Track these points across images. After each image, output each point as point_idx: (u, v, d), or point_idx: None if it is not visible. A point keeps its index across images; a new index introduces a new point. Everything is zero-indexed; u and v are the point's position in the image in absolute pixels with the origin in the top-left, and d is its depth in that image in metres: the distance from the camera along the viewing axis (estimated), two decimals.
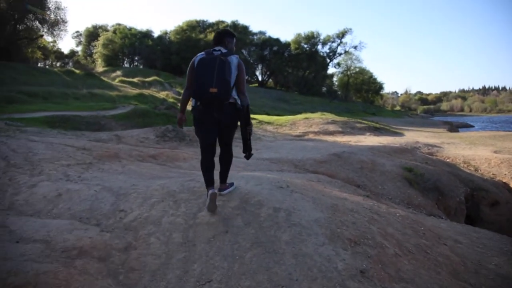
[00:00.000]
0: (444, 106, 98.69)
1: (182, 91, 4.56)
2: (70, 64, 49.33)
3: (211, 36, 48.10)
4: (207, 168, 3.71)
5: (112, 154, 6.47)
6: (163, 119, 13.13)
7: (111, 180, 4.92)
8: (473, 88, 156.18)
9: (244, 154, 3.77)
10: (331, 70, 74.82)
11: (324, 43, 57.73)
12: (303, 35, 56.81)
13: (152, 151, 7.23)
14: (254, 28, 71.73)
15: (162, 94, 26.46)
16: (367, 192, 6.53)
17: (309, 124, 17.49)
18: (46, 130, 8.91)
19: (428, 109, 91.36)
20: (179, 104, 4.42)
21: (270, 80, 61.39)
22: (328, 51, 59.21)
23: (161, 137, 8.93)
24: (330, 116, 19.91)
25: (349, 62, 60.91)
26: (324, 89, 64.62)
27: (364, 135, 16.57)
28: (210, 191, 3.51)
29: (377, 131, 18.52)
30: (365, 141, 14.60)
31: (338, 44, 58.19)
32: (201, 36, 49.09)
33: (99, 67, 41.27)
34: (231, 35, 3.68)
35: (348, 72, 62.51)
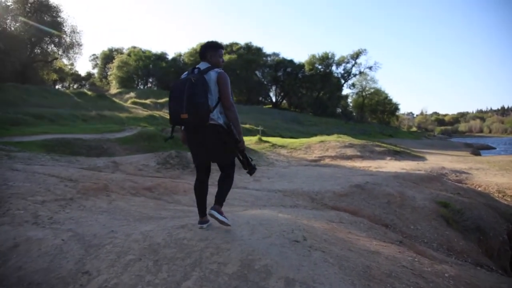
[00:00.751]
0: (462, 127, 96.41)
1: None
2: (87, 86, 49.69)
3: (225, 57, 47.91)
4: (197, 191, 3.55)
5: (100, 186, 5.58)
6: (169, 143, 12.30)
7: (88, 223, 4.01)
8: (491, 109, 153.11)
9: (246, 171, 3.47)
10: (345, 91, 74.13)
11: (338, 64, 57.09)
12: (317, 56, 56.33)
13: (149, 182, 6.32)
14: (268, 49, 71.92)
15: None
16: (399, 235, 5.47)
17: (325, 148, 16.47)
18: (39, 156, 8.12)
19: (446, 130, 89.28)
20: None
21: (284, 101, 60.76)
22: (342, 71, 58.55)
23: (162, 164, 8.05)
24: (347, 139, 18.85)
25: (364, 83, 60.00)
26: (338, 110, 63.60)
27: (385, 160, 15.44)
28: (199, 226, 3.50)
29: (397, 155, 17.36)
30: (386, 166, 13.50)
31: (353, 65, 57.53)
32: None
33: (114, 89, 41.24)
34: (214, 47, 3.40)
35: (363, 93, 61.49)
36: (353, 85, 60.25)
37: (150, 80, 49.79)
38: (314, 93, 57.95)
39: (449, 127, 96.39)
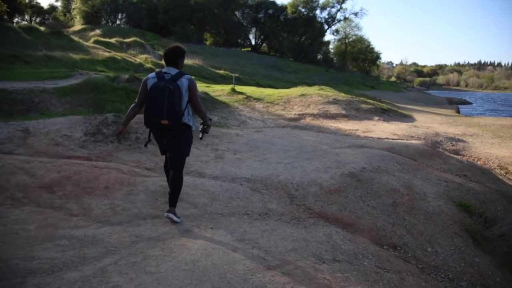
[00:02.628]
0: (440, 79, 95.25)
1: None
2: (50, 20, 44.79)
3: None
4: (167, 173, 3.93)
5: None
6: (121, 96, 10.02)
7: None
8: (468, 62, 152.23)
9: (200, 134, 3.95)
10: (328, 37, 71.02)
11: (323, 8, 53.42)
12: None
13: (54, 173, 4.25)
14: None
15: (140, 58, 23.04)
16: (414, 265, 3.72)
17: (306, 104, 14.46)
18: None
19: (424, 81, 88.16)
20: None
21: (264, 45, 57.31)
22: (326, 16, 55.06)
23: (92, 134, 5.90)
24: (330, 93, 16.85)
25: (348, 29, 57.02)
26: (319, 56, 60.80)
27: (372, 121, 13.63)
28: (165, 214, 3.64)
29: (384, 114, 15.58)
30: (375, 130, 11.71)
31: (338, 10, 54.01)
32: None
33: (77, 25, 37.07)
34: (183, 54, 3.60)
35: (346, 40, 58.67)
36: (337, 31, 57.17)
37: (119, 16, 45.31)
38: (296, 38, 54.69)
39: (428, 79, 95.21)
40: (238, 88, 16.55)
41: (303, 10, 52.61)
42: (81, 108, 9.28)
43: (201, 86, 16.67)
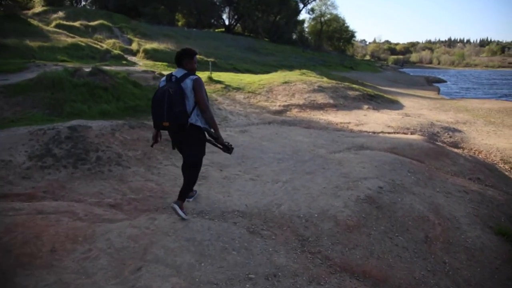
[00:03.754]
0: (414, 57, 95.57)
1: (135, 39, 7.39)
2: (7, 1, 41.39)
3: None
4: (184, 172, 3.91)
5: None
6: (83, 94, 8.61)
7: None
8: (439, 40, 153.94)
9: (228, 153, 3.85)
10: (302, 16, 69.65)
11: None
12: None
13: None
14: None
15: (107, 44, 21.21)
16: None
17: (291, 92, 13.33)
18: None
19: (398, 59, 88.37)
20: (124, 59, 7.80)
21: (238, 25, 55.31)
22: None
23: (39, 157, 4.57)
24: (315, 79, 15.75)
25: (323, 8, 55.65)
26: (294, 36, 59.31)
27: (362, 110, 12.66)
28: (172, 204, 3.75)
29: (372, 101, 14.64)
30: (368, 121, 10.74)
31: None
32: None
33: (38, 7, 34.23)
34: (190, 55, 3.64)
35: (322, 19, 57.39)
36: (312, 9, 55.75)
37: None
38: (271, 17, 52.99)
39: (401, 57, 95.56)
40: (215, 75, 15.22)
41: None
42: (36, 110, 7.87)
43: None
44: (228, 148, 3.78)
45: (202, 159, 3.86)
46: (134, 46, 22.39)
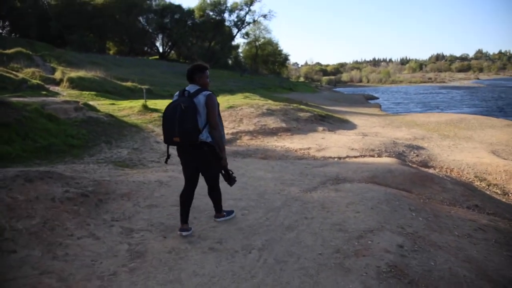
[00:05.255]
0: (345, 77, 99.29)
1: (59, 67, 6.46)
2: None
3: None
4: (182, 201, 3.70)
5: None
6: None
7: None
8: (365, 60, 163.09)
9: (227, 182, 3.67)
10: (237, 40, 69.80)
11: (231, 11, 51.30)
12: (208, 2, 49.67)
13: None
14: None
15: (24, 73, 18.46)
16: None
17: (238, 118, 11.82)
18: None
19: (330, 80, 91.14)
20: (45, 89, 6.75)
21: (172, 52, 53.53)
22: (235, 19, 53.05)
23: None
24: (261, 102, 14.44)
25: (257, 32, 55.74)
26: (230, 61, 58.70)
27: (318, 132, 11.45)
28: (179, 233, 3.61)
29: (325, 121, 13.57)
30: (327, 145, 9.47)
31: (247, 12, 52.38)
32: None
33: None
34: (201, 69, 3.51)
35: (257, 43, 57.43)
36: (247, 34, 55.54)
37: (0, 24, 38.34)
38: (206, 43, 51.94)
39: (333, 77, 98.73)
40: (151, 103, 13.36)
41: (211, 13, 50.12)
42: None
43: (104, 104, 13.16)
44: (230, 178, 3.62)
45: (218, 174, 3.69)
46: (57, 75, 19.80)
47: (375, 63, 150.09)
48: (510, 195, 7.68)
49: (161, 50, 52.09)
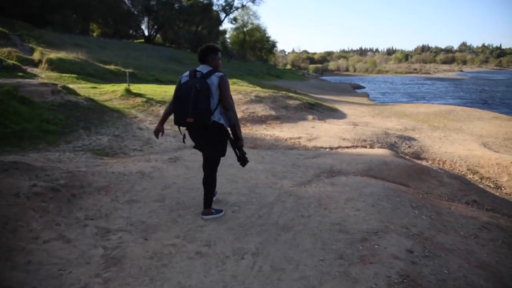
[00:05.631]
0: (331, 65, 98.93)
1: (38, 48, 5.67)
2: None
3: None
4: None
5: None
6: None
7: None
8: (352, 49, 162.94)
9: (239, 163, 3.62)
10: (225, 26, 68.77)
11: None
12: None
13: None
14: None
15: (0, 52, 17.48)
16: None
17: None
18: None
19: (317, 68, 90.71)
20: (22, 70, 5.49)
21: (158, 35, 52.14)
22: (224, 4, 51.84)
23: None
24: (250, 89, 13.98)
25: (246, 17, 54.71)
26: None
27: (309, 121, 11.08)
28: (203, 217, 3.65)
29: (314, 110, 13.20)
30: (318, 134, 9.12)
31: None
32: None
33: None
34: (214, 51, 3.47)
35: (244, 29, 56.44)
36: (235, 19, 54.43)
37: None
38: (193, 27, 50.72)
39: (320, 65, 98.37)
40: (135, 87, 12.73)
41: None
42: None
43: (85, 88, 12.50)
44: (244, 158, 3.58)
45: (220, 159, 3.66)
46: (36, 56, 18.81)
47: (362, 52, 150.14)
48: (503, 188, 7.52)
49: (146, 33, 50.62)
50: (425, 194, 5.33)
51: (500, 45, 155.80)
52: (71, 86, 11.61)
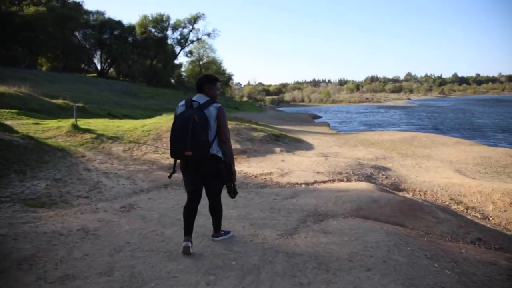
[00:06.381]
0: (287, 96, 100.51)
1: None
2: None
3: (28, 10, 35.62)
4: (187, 216, 3.39)
5: None
6: None
7: None
8: (305, 80, 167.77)
9: (229, 195, 3.52)
10: (181, 59, 68.25)
11: (174, 28, 49.64)
12: (150, 18, 47.71)
13: None
14: (89, 6, 58.89)
15: None
16: None
17: None
18: None
19: (274, 100, 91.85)
20: None
21: (112, 69, 50.55)
22: (179, 37, 51.36)
23: None
24: None
25: (201, 50, 54.46)
26: (172, 80, 56.65)
27: (275, 153, 10.29)
28: (184, 243, 3.32)
29: (280, 141, 12.49)
30: (290, 168, 8.32)
31: (190, 30, 50.97)
32: (14, 8, 35.84)
33: None
34: (212, 80, 3.40)
35: (200, 62, 56.14)
36: (190, 52, 53.98)
37: None
38: (147, 61, 49.70)
39: (276, 97, 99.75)
40: (84, 123, 11.48)
41: (153, 30, 48.10)
42: None
43: (26, 124, 11.07)
44: (234, 191, 3.49)
45: (221, 192, 3.52)
46: None
47: (315, 83, 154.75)
48: (491, 218, 7.01)
49: (99, 67, 48.91)
50: (427, 235, 4.59)
51: (441, 75, 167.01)
52: (9, 122, 10.20)
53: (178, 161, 3.33)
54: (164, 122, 12.12)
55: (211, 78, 3.42)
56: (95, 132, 10.19)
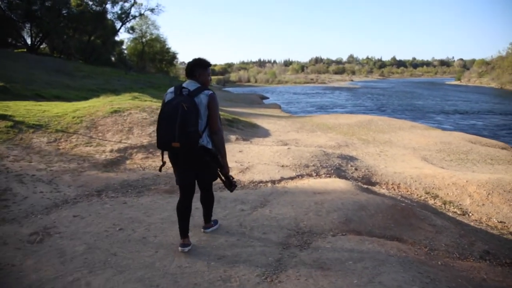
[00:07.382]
0: (233, 77, 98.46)
1: None
2: None
3: None
4: (181, 214, 3.12)
5: None
6: None
7: None
8: (251, 61, 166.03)
9: (227, 189, 3.22)
10: (122, 35, 63.80)
11: (114, 2, 45.46)
12: None
13: None
14: None
15: None
16: None
17: (126, 126, 8.73)
18: None
19: (219, 80, 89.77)
20: None
21: (44, 45, 45.67)
22: (119, 12, 47.30)
23: None
24: (154, 104, 11.38)
25: (144, 27, 50.84)
26: (112, 58, 52.64)
27: (232, 142, 9.03)
28: (181, 249, 3.11)
29: (234, 127, 11.23)
30: (252, 162, 7.15)
31: (132, 5, 46.85)
32: None
33: None
34: (203, 65, 3.10)
35: (143, 40, 52.59)
36: (132, 28, 50.02)
37: None
38: (85, 37, 45.46)
39: (221, 77, 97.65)
40: (1, 106, 9.42)
41: (90, 3, 43.77)
42: None
43: None
44: (231, 184, 3.17)
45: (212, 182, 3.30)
46: None
47: (261, 64, 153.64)
48: (471, 214, 6.39)
49: (29, 42, 43.88)
50: (432, 252, 3.67)
51: (381, 58, 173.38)
52: None
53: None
54: (101, 105, 10.32)
55: (202, 62, 3.11)
56: (12, 118, 8.26)
